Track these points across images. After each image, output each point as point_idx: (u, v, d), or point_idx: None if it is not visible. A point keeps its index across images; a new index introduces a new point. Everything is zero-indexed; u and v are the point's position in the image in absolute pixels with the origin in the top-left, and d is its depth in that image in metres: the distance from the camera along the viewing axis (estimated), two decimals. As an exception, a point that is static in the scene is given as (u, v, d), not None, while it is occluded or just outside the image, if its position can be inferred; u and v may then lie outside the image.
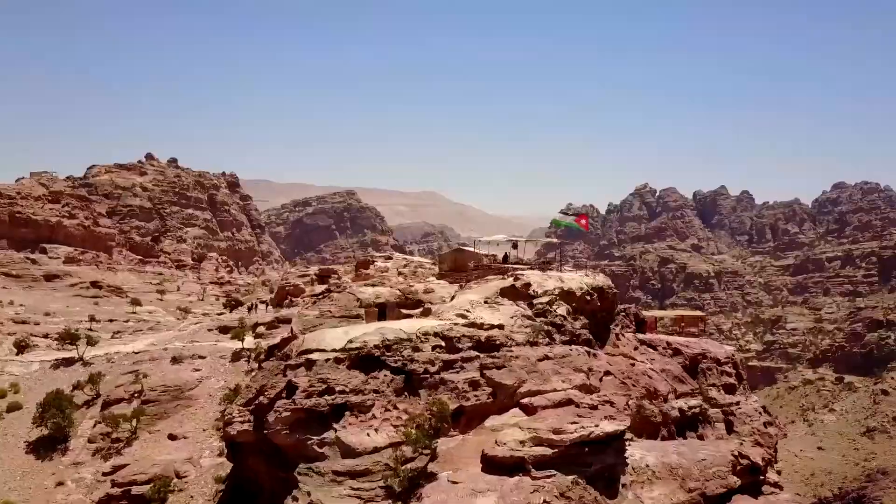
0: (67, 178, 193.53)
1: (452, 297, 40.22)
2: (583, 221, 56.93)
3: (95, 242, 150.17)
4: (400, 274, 64.67)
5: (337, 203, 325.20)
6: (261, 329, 59.41)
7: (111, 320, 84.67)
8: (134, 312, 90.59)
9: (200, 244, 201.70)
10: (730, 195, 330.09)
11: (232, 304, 73.96)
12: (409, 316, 40.19)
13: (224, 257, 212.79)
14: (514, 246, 52.34)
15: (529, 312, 34.25)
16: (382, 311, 43.32)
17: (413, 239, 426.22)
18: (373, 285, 52.24)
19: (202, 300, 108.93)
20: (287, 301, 74.39)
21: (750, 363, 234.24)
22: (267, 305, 77.03)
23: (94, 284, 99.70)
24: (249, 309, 77.39)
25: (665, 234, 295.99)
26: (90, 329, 79.91)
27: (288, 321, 57.12)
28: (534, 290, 36.24)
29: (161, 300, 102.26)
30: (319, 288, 68.71)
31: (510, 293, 36.04)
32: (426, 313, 38.48)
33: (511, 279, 38.21)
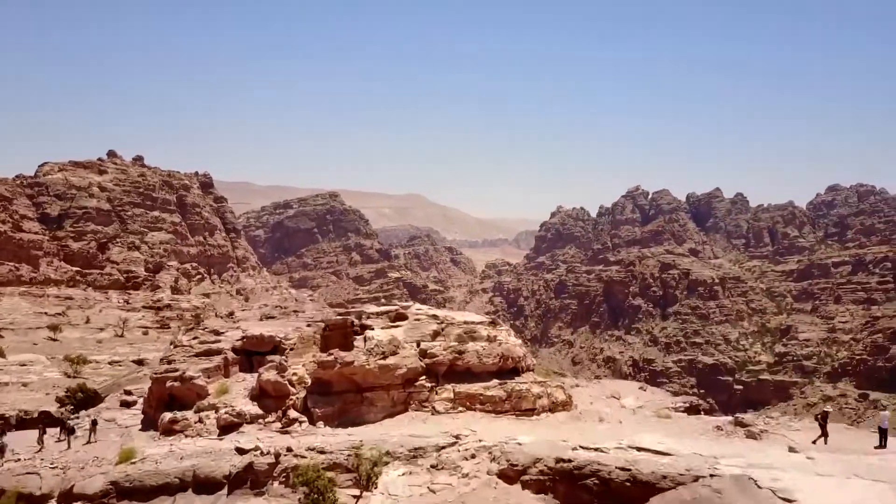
0: (17, 176, 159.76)
1: None
2: None
3: (15, 252, 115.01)
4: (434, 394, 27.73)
5: (319, 205, 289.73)
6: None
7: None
8: (-4, 366, 56.29)
9: (167, 250, 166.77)
10: (724, 198, 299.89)
11: (64, 417, 29.85)
12: None
13: (194, 263, 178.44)
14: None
15: None
16: None
17: (399, 242, 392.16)
18: None
19: (121, 336, 74.30)
20: (169, 420, 30.34)
21: (761, 377, 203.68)
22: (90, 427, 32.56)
23: (-52, 320, 64.63)
24: (70, 432, 34.38)
25: (662, 237, 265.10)
26: None
27: (149, 494, 22.19)
28: None
29: (54, 339, 67.56)
30: (240, 391, 28.37)
31: None
32: None
33: None
